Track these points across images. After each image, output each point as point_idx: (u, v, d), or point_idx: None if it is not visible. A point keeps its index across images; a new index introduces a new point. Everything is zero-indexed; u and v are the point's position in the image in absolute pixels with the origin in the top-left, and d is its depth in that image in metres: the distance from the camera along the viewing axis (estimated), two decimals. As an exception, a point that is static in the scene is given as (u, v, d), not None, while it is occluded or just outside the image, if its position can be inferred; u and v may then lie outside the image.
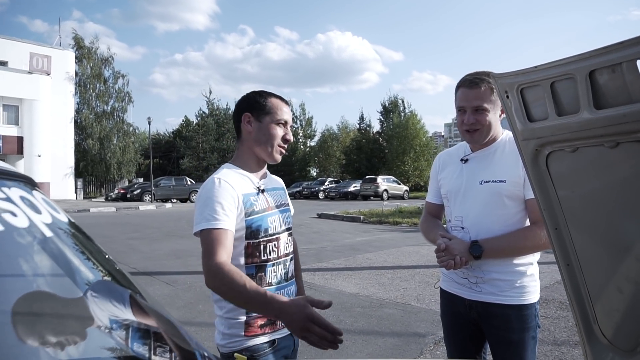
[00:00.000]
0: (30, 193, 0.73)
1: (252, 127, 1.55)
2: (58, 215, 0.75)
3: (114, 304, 0.77)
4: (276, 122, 1.54)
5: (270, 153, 1.55)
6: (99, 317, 0.69)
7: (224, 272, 1.28)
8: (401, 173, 34.85)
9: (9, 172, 0.74)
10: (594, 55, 0.94)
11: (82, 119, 31.91)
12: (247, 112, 1.56)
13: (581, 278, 1.20)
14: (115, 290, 0.82)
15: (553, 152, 1.14)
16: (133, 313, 0.80)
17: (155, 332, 0.83)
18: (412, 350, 3.61)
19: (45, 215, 0.68)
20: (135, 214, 18.82)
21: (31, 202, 0.68)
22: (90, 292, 0.73)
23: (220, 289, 1.30)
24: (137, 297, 0.85)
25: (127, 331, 0.75)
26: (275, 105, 1.55)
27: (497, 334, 1.66)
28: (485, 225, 1.65)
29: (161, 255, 8.12)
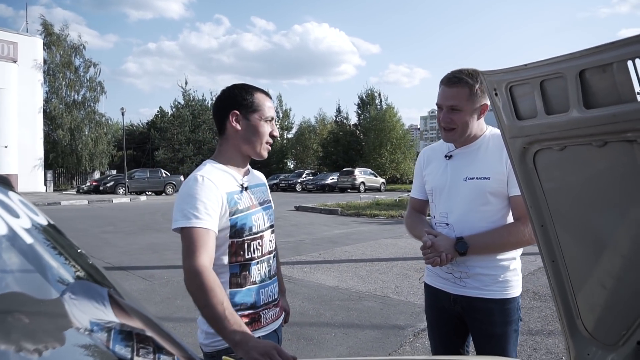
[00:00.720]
0: (6, 194, 0.68)
1: (241, 125, 1.50)
2: (37, 218, 0.71)
3: (94, 304, 0.73)
4: (264, 119, 1.51)
5: (258, 150, 1.53)
6: (78, 318, 0.65)
7: (203, 278, 1.25)
8: (378, 166, 35.10)
9: None
10: (584, 54, 0.95)
11: (52, 108, 30.79)
12: (234, 109, 1.50)
13: (565, 274, 1.22)
14: (94, 290, 0.78)
15: (541, 150, 1.15)
16: (114, 313, 0.76)
17: (138, 332, 0.80)
18: (392, 342, 3.64)
19: (24, 219, 0.63)
20: (109, 206, 18.38)
21: (8, 205, 0.63)
22: (69, 293, 0.69)
23: (195, 294, 1.26)
24: (116, 296, 0.82)
25: (108, 333, 0.71)
26: (261, 101, 1.52)
27: (480, 327, 1.68)
28: (469, 222, 1.66)
29: (137, 250, 7.96)
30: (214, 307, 1.21)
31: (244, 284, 1.45)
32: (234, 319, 1.20)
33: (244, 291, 1.45)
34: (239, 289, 1.45)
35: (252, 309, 1.47)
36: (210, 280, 1.24)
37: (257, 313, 1.48)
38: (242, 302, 1.45)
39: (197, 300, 1.25)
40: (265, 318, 1.50)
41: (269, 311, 1.52)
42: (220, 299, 1.22)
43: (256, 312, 1.47)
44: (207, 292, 1.22)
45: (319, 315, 4.33)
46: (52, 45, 31.33)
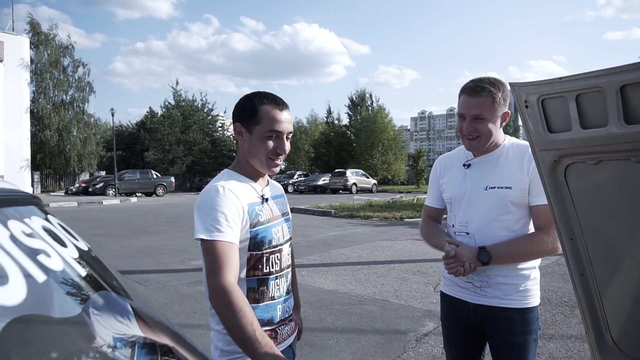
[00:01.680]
0: (47, 219, 0.65)
1: (244, 138, 1.44)
2: (78, 243, 0.67)
3: (118, 319, 0.71)
4: (266, 135, 1.40)
5: (262, 166, 1.45)
6: (101, 335, 0.62)
7: (232, 297, 1.20)
8: (369, 167, 35.17)
9: (20, 195, 0.65)
10: (625, 70, 0.93)
11: (39, 109, 30.32)
12: (238, 121, 1.45)
13: (594, 288, 1.21)
14: (118, 304, 0.75)
15: (573, 163, 1.14)
16: (139, 326, 0.73)
17: (162, 345, 0.77)
18: (395, 348, 3.63)
19: (71, 248, 0.60)
20: (99, 208, 18.15)
21: (54, 233, 0.60)
22: (93, 308, 0.66)
23: (223, 313, 1.21)
24: (141, 308, 0.79)
25: (132, 348, 0.69)
26: (266, 113, 1.40)
27: (500, 336, 1.67)
28: (490, 231, 1.65)
29: (130, 253, 7.86)
30: (244, 327, 1.16)
31: (261, 300, 1.41)
32: (264, 341, 1.16)
33: (261, 307, 1.41)
34: (257, 304, 1.40)
35: (269, 325, 1.42)
36: (239, 299, 1.20)
37: (274, 330, 1.44)
38: (260, 319, 1.39)
39: (226, 319, 1.20)
40: (282, 334, 1.46)
41: (285, 327, 1.49)
42: (250, 319, 1.18)
43: (273, 329, 1.43)
44: (237, 312, 1.18)
45: (320, 321, 4.30)
46: (39, 45, 30.87)
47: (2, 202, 0.53)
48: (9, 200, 0.56)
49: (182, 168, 35.43)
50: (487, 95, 1.60)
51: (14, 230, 0.51)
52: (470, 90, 1.64)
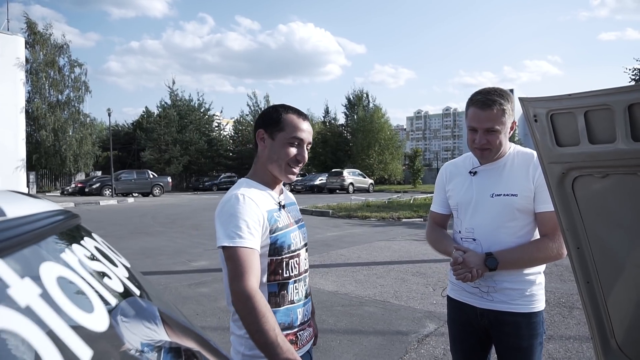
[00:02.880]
0: (95, 239, 0.69)
1: (266, 144, 1.51)
2: (122, 260, 0.71)
3: (145, 324, 0.74)
4: (289, 141, 1.48)
5: (281, 172, 1.51)
6: (129, 340, 0.66)
7: (255, 303, 1.24)
8: (366, 166, 35.23)
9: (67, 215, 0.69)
10: (634, 89, 0.98)
11: (34, 109, 30.18)
12: (261, 128, 1.52)
13: (600, 295, 1.26)
14: (146, 311, 0.79)
15: (580, 176, 1.18)
16: (166, 331, 0.77)
17: (186, 349, 0.80)
18: (398, 349, 3.68)
19: (121, 268, 0.64)
20: (97, 209, 18.11)
21: (105, 254, 0.63)
22: (120, 316, 0.70)
23: (247, 318, 1.25)
24: (167, 314, 0.82)
25: (158, 353, 0.72)
26: (290, 121, 1.49)
27: (507, 340, 1.72)
28: (497, 238, 1.70)
29: (129, 255, 7.86)
30: (267, 333, 1.20)
31: (282, 304, 1.46)
32: (286, 346, 1.20)
33: (282, 310, 1.45)
34: (277, 308, 1.44)
35: (290, 329, 1.47)
36: (262, 304, 1.24)
37: (295, 334, 1.48)
38: (280, 322, 1.44)
39: (249, 324, 1.24)
40: (302, 339, 1.51)
41: (304, 332, 1.53)
42: (272, 324, 1.22)
43: (294, 333, 1.48)
44: (260, 318, 1.22)
45: (322, 322, 4.34)
46: (35, 44, 30.72)
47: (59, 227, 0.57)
48: (63, 223, 0.59)
49: (178, 168, 35.37)
50: (498, 108, 1.64)
51: (79, 254, 0.54)
52: (481, 104, 1.67)
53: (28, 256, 0.43)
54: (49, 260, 0.46)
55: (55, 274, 0.44)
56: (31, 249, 0.45)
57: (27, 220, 0.47)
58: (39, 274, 0.42)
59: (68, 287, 0.45)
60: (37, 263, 0.44)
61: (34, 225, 0.47)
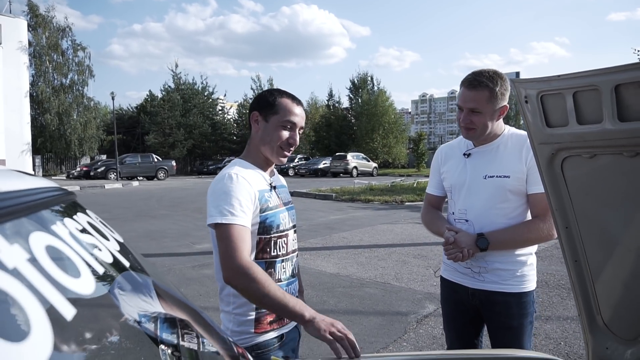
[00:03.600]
0: (88, 214, 0.72)
1: (259, 126, 1.54)
2: (115, 235, 0.74)
3: (141, 297, 0.77)
4: (282, 124, 1.51)
5: (273, 154, 1.54)
6: (127, 311, 0.69)
7: (254, 272, 1.30)
8: (370, 150, 35.16)
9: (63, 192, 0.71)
10: (621, 70, 0.99)
11: (39, 92, 30.22)
12: (256, 110, 1.56)
13: (587, 273, 1.29)
14: (142, 284, 0.82)
15: (569, 157, 1.20)
16: (160, 303, 0.80)
17: (182, 319, 0.84)
18: (397, 329, 3.75)
19: (112, 242, 0.67)
20: (102, 192, 18.27)
21: (97, 228, 0.66)
22: (117, 288, 0.73)
23: (251, 287, 1.30)
24: (161, 287, 0.85)
25: (155, 323, 0.75)
26: (284, 105, 1.52)
27: (498, 320, 1.76)
28: (489, 219, 1.72)
29: (134, 237, 7.97)
30: (274, 293, 1.27)
31: None
32: (293, 300, 1.29)
33: None
34: None
35: None
36: (260, 272, 1.31)
37: None
38: None
39: (255, 292, 1.30)
40: None
41: None
42: (275, 285, 1.30)
43: None
44: (263, 283, 1.28)
45: (323, 303, 4.41)
46: (37, 27, 30.58)
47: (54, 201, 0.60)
48: (58, 199, 0.62)
49: (182, 152, 35.45)
50: (484, 89, 1.65)
51: (71, 227, 0.57)
52: (468, 83, 1.69)
53: (19, 226, 0.46)
54: (39, 231, 0.49)
55: (44, 242, 0.47)
56: (22, 220, 0.47)
57: (20, 194, 0.50)
58: (28, 242, 0.45)
59: (56, 254, 0.48)
60: (27, 233, 0.47)
61: (26, 198, 0.50)
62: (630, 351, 1.23)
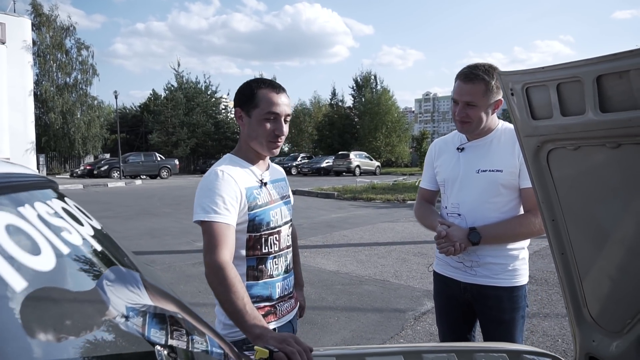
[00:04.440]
0: (65, 202, 0.73)
1: (244, 122, 1.51)
2: (92, 222, 0.75)
3: (129, 289, 0.78)
4: (264, 117, 1.46)
5: (263, 148, 1.51)
6: (114, 304, 0.69)
7: (225, 274, 1.28)
8: (373, 149, 35.13)
9: (40, 179, 0.73)
10: (602, 61, 0.99)
11: (43, 91, 30.34)
12: (237, 106, 1.52)
13: (574, 266, 1.29)
14: (129, 276, 0.82)
15: (555, 149, 1.20)
16: (149, 296, 0.80)
17: (171, 315, 0.84)
18: (394, 325, 3.75)
19: (87, 227, 0.68)
20: (105, 191, 18.34)
21: (72, 214, 0.67)
22: (105, 280, 0.73)
23: (217, 288, 1.30)
24: (149, 280, 0.86)
25: (144, 318, 0.76)
26: (264, 97, 1.46)
27: (489, 313, 1.76)
28: (481, 213, 1.72)
29: (136, 235, 8.01)
30: (235, 302, 1.25)
31: (260, 277, 1.50)
32: (253, 314, 1.24)
33: (260, 284, 1.50)
34: (256, 281, 1.49)
35: (268, 301, 1.51)
36: (231, 275, 1.28)
37: (273, 305, 1.53)
38: (259, 295, 1.50)
39: (219, 294, 1.29)
40: (281, 310, 1.55)
41: (284, 303, 1.57)
42: (241, 294, 1.26)
43: (272, 305, 1.52)
44: (229, 288, 1.26)
45: (322, 300, 4.42)
46: (41, 26, 30.70)
47: (27, 186, 0.61)
48: (32, 184, 0.63)
49: (186, 150, 35.51)
50: (479, 82, 1.65)
51: (40, 211, 0.58)
52: (464, 76, 1.69)
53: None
54: (3, 211, 0.50)
55: (6, 221, 0.48)
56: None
57: None
58: (-12, 221, 0.46)
59: (17, 232, 0.49)
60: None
61: None
62: (616, 344, 1.23)
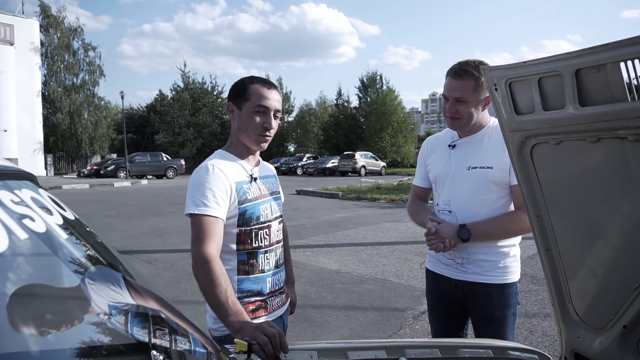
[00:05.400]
0: (38, 192, 0.74)
1: (235, 116, 1.54)
2: (66, 214, 0.76)
3: (111, 287, 0.79)
4: (254, 110, 1.49)
5: (251, 142, 1.53)
6: (97, 302, 0.71)
7: (210, 267, 1.30)
8: (379, 149, 35.06)
9: (14, 171, 0.74)
10: (580, 54, 0.99)
11: (50, 92, 30.65)
12: (230, 100, 1.55)
13: (559, 262, 1.28)
14: (111, 275, 0.83)
15: (538, 144, 1.20)
16: (130, 295, 0.81)
17: (154, 315, 0.85)
18: (393, 324, 3.74)
19: (57, 216, 0.69)
20: (110, 190, 18.47)
21: (42, 203, 0.69)
22: (88, 279, 0.75)
23: (201, 281, 1.32)
24: (131, 279, 0.87)
25: (126, 316, 0.77)
26: (255, 91, 1.50)
27: (480, 311, 1.76)
28: (471, 210, 1.72)
29: (140, 234, 8.06)
30: (217, 295, 1.26)
31: (251, 272, 1.51)
32: (235, 308, 1.25)
33: (251, 279, 1.51)
34: (247, 276, 1.50)
35: (259, 296, 1.52)
36: (216, 269, 1.30)
37: (264, 300, 1.54)
38: (249, 289, 1.51)
39: (203, 287, 1.31)
40: (272, 305, 1.56)
41: (275, 298, 1.58)
42: (224, 288, 1.28)
43: (263, 300, 1.53)
44: (213, 281, 1.28)
45: (321, 298, 4.43)
46: (49, 28, 31.01)
47: None
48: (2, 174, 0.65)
49: (192, 151, 35.67)
50: (469, 78, 1.65)
51: (3, 198, 0.59)
52: (454, 73, 1.69)
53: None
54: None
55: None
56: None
57: None
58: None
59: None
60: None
61: None
62: (599, 340, 1.22)
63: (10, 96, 25.09)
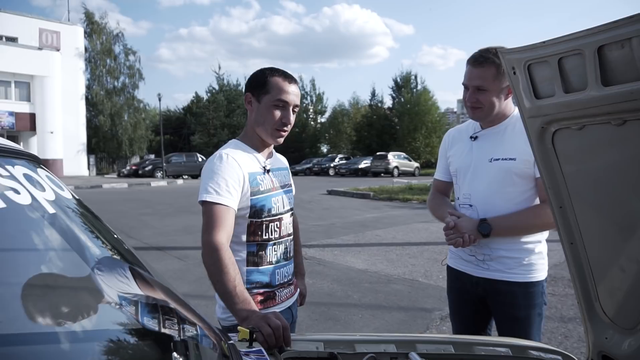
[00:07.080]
0: (35, 171, 0.75)
1: (253, 107, 1.53)
2: (62, 192, 0.77)
3: (119, 278, 0.79)
4: (274, 104, 1.47)
5: (267, 136, 1.52)
6: (107, 293, 0.71)
7: (219, 255, 1.30)
8: (412, 150, 34.57)
9: (14, 150, 0.75)
10: (602, 30, 0.91)
11: (93, 95, 31.96)
12: (248, 91, 1.54)
13: (584, 256, 1.20)
14: (117, 263, 0.84)
15: (559, 129, 1.12)
16: (138, 285, 0.81)
17: (162, 305, 0.85)
18: (419, 325, 3.66)
19: (49, 193, 0.69)
20: (147, 189, 19.05)
21: (35, 180, 0.69)
22: (96, 269, 0.75)
23: (210, 269, 1.32)
24: (137, 269, 0.87)
25: (136, 306, 0.76)
26: (275, 84, 1.47)
27: (503, 310, 1.68)
28: (493, 203, 1.64)
29: (173, 231, 8.25)
30: (226, 283, 1.27)
31: (260, 263, 1.50)
32: (243, 297, 1.25)
33: (261, 270, 1.50)
34: (256, 267, 1.50)
35: (269, 287, 1.52)
36: (225, 257, 1.30)
37: (273, 291, 1.53)
38: (258, 281, 1.50)
39: (211, 275, 1.32)
40: (280, 296, 1.55)
41: (284, 289, 1.57)
42: (232, 276, 1.28)
43: (272, 291, 1.52)
44: (222, 269, 1.28)
45: (347, 297, 4.39)
46: (92, 34, 32.35)
47: None
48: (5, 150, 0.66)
49: (226, 151, 36.31)
50: (490, 65, 1.58)
51: None
52: (474, 60, 1.62)
53: None
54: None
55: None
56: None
57: None
58: None
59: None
60: None
61: None
62: (629, 341, 1.13)
63: (56, 100, 26.32)
